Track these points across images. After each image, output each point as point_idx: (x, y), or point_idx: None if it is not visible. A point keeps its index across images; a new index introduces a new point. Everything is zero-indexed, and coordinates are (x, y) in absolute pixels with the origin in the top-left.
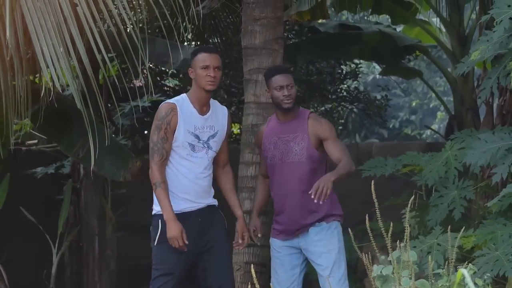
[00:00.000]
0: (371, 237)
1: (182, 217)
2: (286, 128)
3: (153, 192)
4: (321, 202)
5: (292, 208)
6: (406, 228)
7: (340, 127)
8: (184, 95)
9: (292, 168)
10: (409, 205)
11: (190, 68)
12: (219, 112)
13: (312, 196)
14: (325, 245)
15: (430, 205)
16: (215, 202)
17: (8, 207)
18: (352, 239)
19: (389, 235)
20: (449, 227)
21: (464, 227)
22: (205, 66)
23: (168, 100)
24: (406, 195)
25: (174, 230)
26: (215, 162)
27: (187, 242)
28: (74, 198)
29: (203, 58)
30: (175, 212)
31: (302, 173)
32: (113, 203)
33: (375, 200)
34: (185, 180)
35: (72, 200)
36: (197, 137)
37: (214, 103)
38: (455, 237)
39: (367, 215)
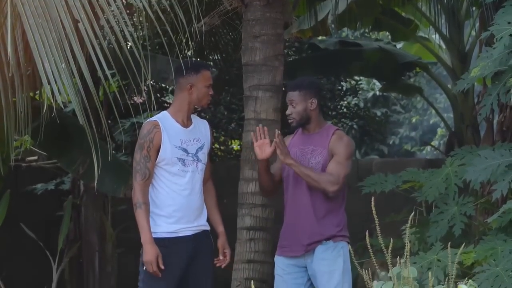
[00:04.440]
0: (371, 253)
1: (176, 241)
2: (308, 139)
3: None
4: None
5: (303, 221)
6: (406, 244)
7: None
8: (165, 112)
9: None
10: (409, 222)
11: (189, 83)
12: (201, 125)
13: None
14: (329, 265)
15: (430, 221)
16: (208, 227)
17: (8, 224)
18: (352, 255)
19: (389, 251)
20: (449, 243)
21: (464, 243)
22: (209, 84)
23: (150, 119)
24: (406, 212)
25: (150, 254)
26: None
27: (162, 267)
28: (74, 214)
29: (208, 77)
30: (170, 234)
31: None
32: (114, 219)
33: (375, 217)
34: (179, 198)
35: (72, 217)
36: (185, 150)
37: (193, 116)
38: (455, 253)
39: (367, 231)
